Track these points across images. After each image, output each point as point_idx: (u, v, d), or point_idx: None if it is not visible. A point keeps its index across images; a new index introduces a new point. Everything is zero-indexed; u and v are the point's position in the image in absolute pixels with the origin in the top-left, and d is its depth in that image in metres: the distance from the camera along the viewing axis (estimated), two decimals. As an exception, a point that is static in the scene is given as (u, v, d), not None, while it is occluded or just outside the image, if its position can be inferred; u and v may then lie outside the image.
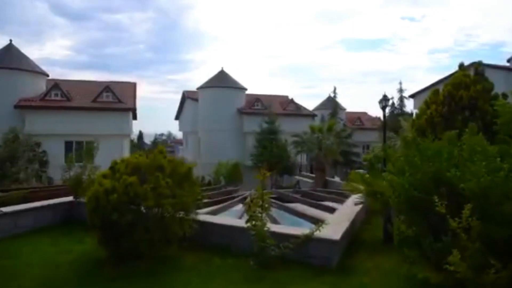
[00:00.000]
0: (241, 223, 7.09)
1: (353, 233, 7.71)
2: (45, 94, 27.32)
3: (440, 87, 10.09)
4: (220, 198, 11.03)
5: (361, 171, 29.13)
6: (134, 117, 41.37)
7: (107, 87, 28.96)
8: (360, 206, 8.04)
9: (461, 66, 10.03)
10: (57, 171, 25.85)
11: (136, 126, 60.23)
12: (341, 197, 10.68)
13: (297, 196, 12.75)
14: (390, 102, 16.60)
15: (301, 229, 6.54)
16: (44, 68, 30.06)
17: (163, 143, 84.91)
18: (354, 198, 7.37)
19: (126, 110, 28.44)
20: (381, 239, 7.77)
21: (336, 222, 6.89)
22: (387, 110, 23.09)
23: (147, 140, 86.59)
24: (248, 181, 35.12)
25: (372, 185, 6.36)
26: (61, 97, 27.59)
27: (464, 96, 8.90)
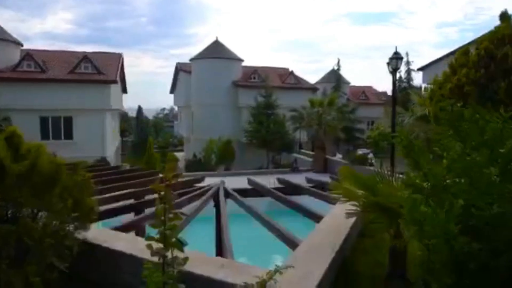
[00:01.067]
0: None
1: (342, 261, 4.78)
2: (17, 65, 24.75)
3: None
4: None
5: (363, 150, 26.94)
6: (124, 91, 39.09)
7: (86, 57, 26.30)
8: (353, 219, 5.06)
9: (504, 15, 7.37)
10: (30, 149, 23.73)
11: (138, 101, 57.71)
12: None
13: (307, 186, 9.64)
14: (399, 74, 14.13)
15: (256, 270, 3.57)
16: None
17: (163, 119, 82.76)
18: (345, 204, 4.69)
19: (107, 82, 25.87)
20: (385, 272, 4.74)
21: (311, 252, 4.25)
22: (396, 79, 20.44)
23: (150, 115, 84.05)
24: (243, 160, 33.04)
25: (376, 193, 4.01)
26: (34, 68, 25.03)
27: (511, 55, 6.34)
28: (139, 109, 71.05)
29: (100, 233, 4.72)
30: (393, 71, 10.96)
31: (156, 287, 3.10)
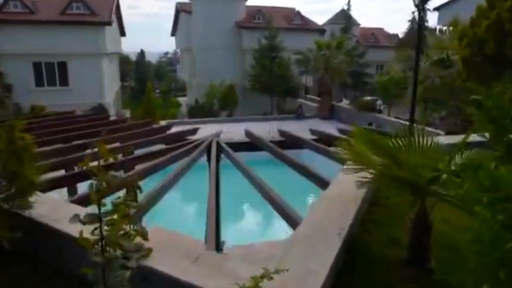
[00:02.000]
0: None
1: (350, 239, 3.82)
2: (2, 5, 23.14)
3: None
4: (156, 150, 7.75)
5: (370, 98, 25.71)
6: (123, 33, 37.30)
7: (77, -4, 24.54)
8: (364, 190, 4.14)
9: None
10: (25, 97, 22.92)
11: (141, 45, 55.47)
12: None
13: (310, 139, 8.35)
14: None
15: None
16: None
17: (167, 63, 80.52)
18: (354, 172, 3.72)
19: (100, 23, 24.30)
20: (403, 257, 3.82)
21: (313, 238, 3.34)
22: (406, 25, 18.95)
23: (153, 59, 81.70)
24: (246, 106, 32.01)
25: (400, 163, 3.07)
26: (22, 8, 23.43)
27: None
28: (142, 53, 69.06)
29: (53, 207, 3.87)
30: (420, 3, 9.52)
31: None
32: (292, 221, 3.84)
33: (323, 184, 4.58)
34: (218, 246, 8.60)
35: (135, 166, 7.51)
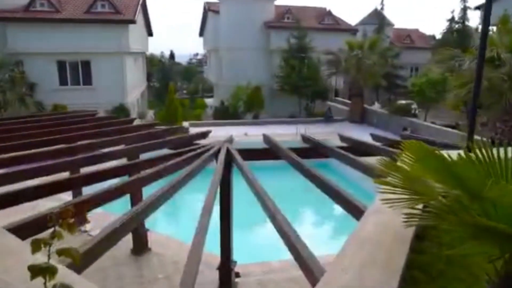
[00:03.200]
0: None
1: None
2: (29, 4, 23.00)
3: None
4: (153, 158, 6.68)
5: (405, 101, 24.01)
6: (150, 33, 37.02)
7: (102, -6, 24.14)
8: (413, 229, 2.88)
9: None
10: (48, 96, 22.68)
11: (172, 46, 55.54)
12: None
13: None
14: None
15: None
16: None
17: (196, 64, 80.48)
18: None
19: (124, 22, 23.78)
20: None
21: None
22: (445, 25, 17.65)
23: (183, 60, 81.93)
24: (273, 108, 30.90)
25: (481, 195, 1.93)
26: (48, 7, 23.22)
27: None
28: (171, 54, 69.28)
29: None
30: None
31: None
32: (312, 276, 2.66)
33: (354, 209, 3.42)
34: (229, 263, 7.54)
35: (140, 170, 6.53)
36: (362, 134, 11.47)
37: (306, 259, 2.79)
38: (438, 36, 42.07)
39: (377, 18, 39.83)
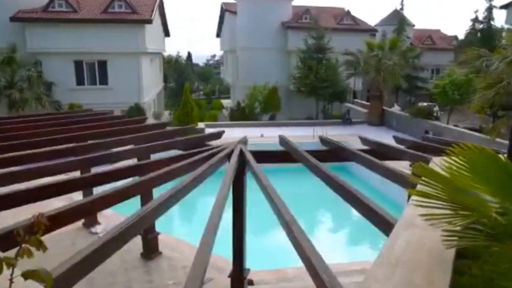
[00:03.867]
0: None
1: None
2: (48, 4, 23.12)
3: None
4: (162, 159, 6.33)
5: (427, 104, 23.22)
6: (167, 34, 36.99)
7: (119, -6, 24.11)
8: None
9: None
10: (65, 95, 22.73)
11: (188, 46, 55.66)
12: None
13: (360, 148, 6.16)
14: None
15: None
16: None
17: (214, 65, 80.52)
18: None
19: (140, 21, 23.68)
20: None
21: None
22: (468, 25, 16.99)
23: (200, 61, 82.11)
24: (290, 109, 30.45)
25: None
26: (66, 8, 23.30)
27: None
28: (189, 55, 69.51)
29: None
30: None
31: None
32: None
33: (381, 222, 2.98)
34: (242, 271, 7.15)
35: (150, 171, 6.21)
36: (382, 137, 10.96)
37: (322, 274, 2.37)
38: (461, 36, 40.96)
39: (397, 19, 38.96)
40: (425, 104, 22.63)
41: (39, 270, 1.72)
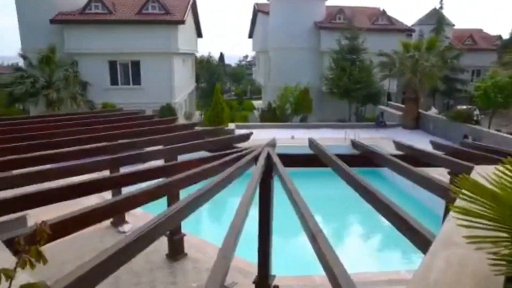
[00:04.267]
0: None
1: None
2: (85, 6, 23.77)
3: None
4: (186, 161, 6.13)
5: (467, 107, 22.16)
6: (199, 35, 37.31)
7: (154, -4, 24.44)
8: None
9: None
10: (99, 95, 23.27)
11: (221, 47, 56.25)
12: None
13: (395, 154, 5.87)
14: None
15: None
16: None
17: (246, 66, 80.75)
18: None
19: (173, 22, 23.91)
20: None
21: None
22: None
23: (233, 62, 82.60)
24: (321, 111, 29.91)
25: None
26: (102, 9, 23.88)
27: None
28: (221, 55, 70.04)
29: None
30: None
31: None
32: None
33: (418, 238, 2.68)
34: (268, 277, 6.93)
35: (178, 172, 6.10)
36: (417, 141, 10.46)
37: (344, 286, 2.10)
38: (505, 36, 39.10)
39: (436, 18, 37.60)
40: (464, 107, 21.62)
41: (38, 283, 1.60)
